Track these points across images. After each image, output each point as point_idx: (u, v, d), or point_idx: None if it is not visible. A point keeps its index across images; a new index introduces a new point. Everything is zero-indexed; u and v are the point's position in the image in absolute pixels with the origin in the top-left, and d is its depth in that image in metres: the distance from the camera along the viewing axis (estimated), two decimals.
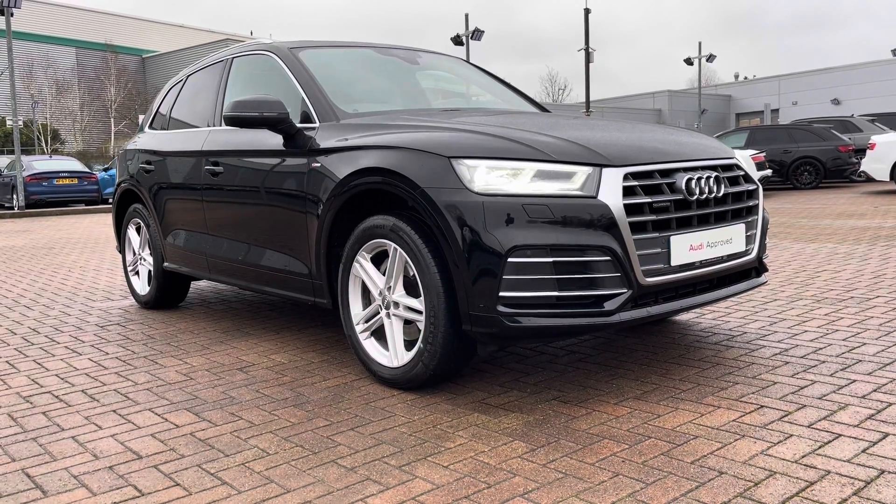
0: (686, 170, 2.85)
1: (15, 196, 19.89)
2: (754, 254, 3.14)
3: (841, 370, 3.01)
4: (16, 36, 24.54)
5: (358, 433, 2.53)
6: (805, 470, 2.11)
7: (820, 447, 2.26)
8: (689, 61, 40.96)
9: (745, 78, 58.21)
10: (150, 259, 4.95)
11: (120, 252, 5.41)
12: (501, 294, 2.57)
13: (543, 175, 2.64)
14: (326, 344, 3.80)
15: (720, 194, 2.92)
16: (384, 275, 3.01)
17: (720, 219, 2.95)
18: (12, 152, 24.63)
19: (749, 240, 3.10)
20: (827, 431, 2.38)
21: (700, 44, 40.63)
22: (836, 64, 46.62)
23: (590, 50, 30.19)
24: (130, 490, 2.15)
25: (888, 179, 13.14)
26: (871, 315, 3.95)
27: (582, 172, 2.64)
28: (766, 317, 4.01)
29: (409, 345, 2.95)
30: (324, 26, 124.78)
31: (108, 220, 14.83)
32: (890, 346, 3.32)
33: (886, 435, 2.33)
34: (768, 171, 14.11)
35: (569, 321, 2.59)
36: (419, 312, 2.83)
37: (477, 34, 30.10)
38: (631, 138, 2.96)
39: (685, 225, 2.80)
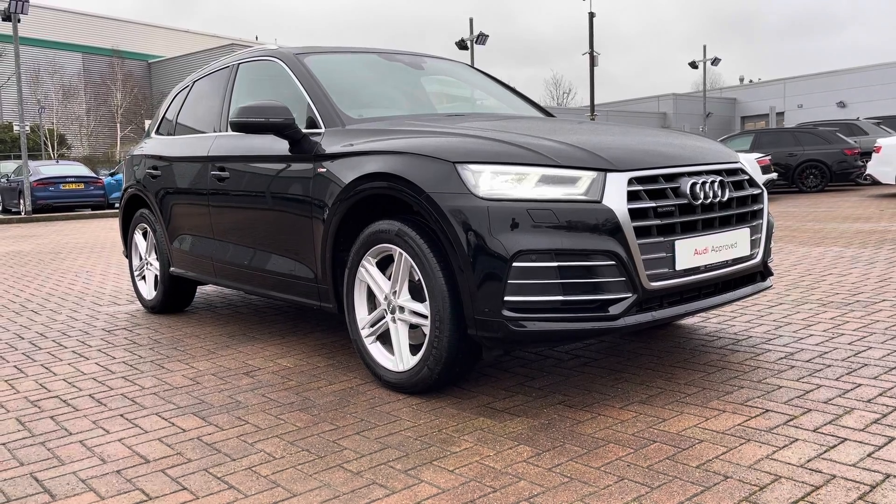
0: (691, 174, 2.86)
1: (22, 201, 19.98)
2: (759, 258, 3.14)
3: (846, 374, 3.00)
4: (22, 42, 24.66)
5: (364, 437, 2.54)
6: (810, 474, 2.11)
7: (825, 451, 2.26)
8: (693, 65, 40.95)
9: (750, 81, 58.15)
10: (156, 264, 4.97)
11: (126, 257, 5.44)
12: (506, 298, 2.57)
13: (548, 180, 2.65)
14: (332, 348, 3.81)
15: (725, 199, 2.92)
16: (390, 279, 3.02)
17: (725, 223, 2.96)
18: (19, 157, 24.76)
19: (754, 244, 3.10)
20: (832, 436, 2.38)
21: (705, 47, 40.65)
22: (834, 68, 46.54)
23: (594, 54, 30.18)
24: (138, 494, 2.16)
25: (894, 182, 13.10)
26: (876, 319, 3.94)
27: (586, 177, 2.65)
28: (772, 321, 4.01)
29: (414, 349, 2.96)
30: (323, 30, 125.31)
31: (114, 224, 14.88)
32: (895, 350, 3.32)
33: (892, 439, 2.33)
34: (774, 175, 14.09)
35: (574, 325, 2.60)
36: (424, 317, 2.84)
37: (482, 38, 30.15)
38: (635, 142, 2.97)
39: (690, 229, 2.80)
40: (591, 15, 30.43)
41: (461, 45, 30.42)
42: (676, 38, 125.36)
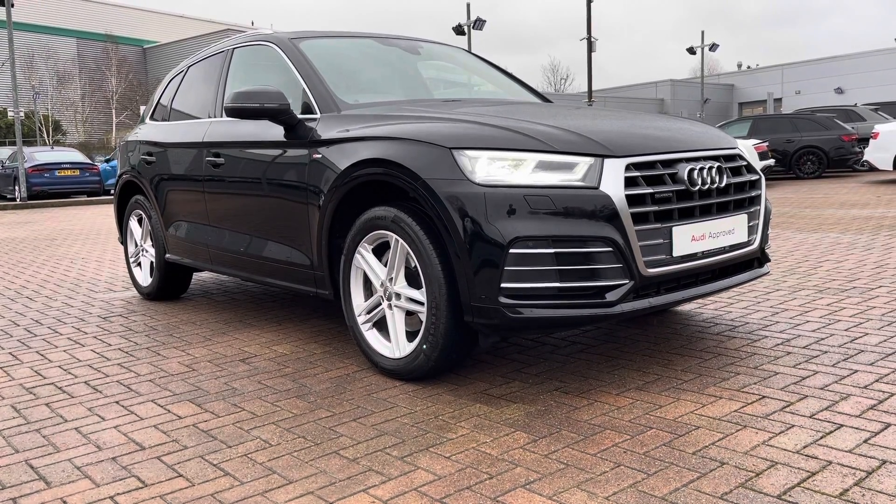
0: (688, 160, 2.84)
1: (17, 187, 19.90)
2: (756, 244, 3.13)
3: (843, 360, 3.01)
4: (16, 27, 24.48)
5: (360, 424, 2.54)
6: (806, 460, 2.11)
7: (821, 437, 2.26)
8: (691, 50, 40.77)
9: (748, 67, 58.02)
10: (152, 250, 4.95)
11: (122, 243, 5.41)
12: (503, 285, 2.56)
13: (545, 166, 2.63)
14: (328, 335, 3.80)
15: (722, 185, 2.91)
16: (386, 266, 3.01)
17: (722, 209, 2.95)
18: (14, 143, 24.64)
19: (751, 230, 3.09)
20: (828, 422, 2.38)
21: (703, 32, 40.50)
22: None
23: (592, 39, 30.03)
24: (133, 481, 2.16)
25: (891, 169, 13.09)
26: (873, 305, 3.94)
27: (584, 163, 2.64)
28: (769, 307, 4.01)
29: (410, 336, 2.95)
30: (318, 15, 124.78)
31: (109, 211, 14.82)
32: (892, 337, 3.32)
33: (888, 425, 2.33)
34: (771, 161, 14.07)
35: (570, 312, 2.59)
36: (421, 304, 2.83)
37: (479, 23, 29.94)
38: (633, 128, 2.95)
39: (687, 216, 2.79)
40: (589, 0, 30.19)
41: (458, 30, 30.20)
42: (658, 27, 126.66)
